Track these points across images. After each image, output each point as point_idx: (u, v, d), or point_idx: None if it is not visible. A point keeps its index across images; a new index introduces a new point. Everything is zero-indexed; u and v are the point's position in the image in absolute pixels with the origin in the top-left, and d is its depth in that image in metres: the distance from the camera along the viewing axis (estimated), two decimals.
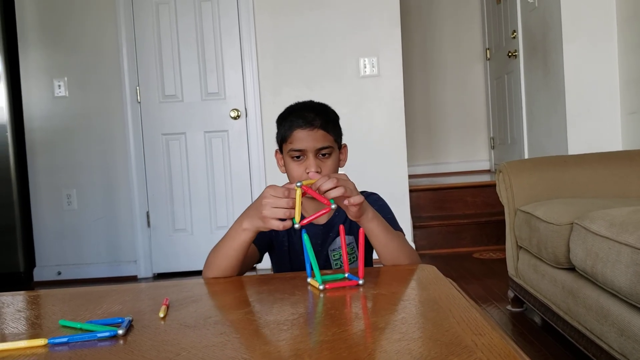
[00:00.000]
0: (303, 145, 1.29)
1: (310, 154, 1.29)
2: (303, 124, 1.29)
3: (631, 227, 1.50)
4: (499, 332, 0.77)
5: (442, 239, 3.96)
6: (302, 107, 1.35)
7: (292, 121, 1.31)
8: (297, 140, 1.29)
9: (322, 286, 1.00)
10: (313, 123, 1.29)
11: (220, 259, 1.19)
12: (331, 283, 1.02)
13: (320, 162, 1.30)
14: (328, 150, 1.31)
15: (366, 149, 3.71)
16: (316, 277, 1.02)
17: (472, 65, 5.56)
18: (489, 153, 5.49)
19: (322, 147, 1.29)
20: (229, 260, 1.18)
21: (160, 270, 3.84)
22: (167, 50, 3.80)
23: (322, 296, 0.97)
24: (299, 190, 1.04)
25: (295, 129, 1.30)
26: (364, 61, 3.78)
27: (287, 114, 1.35)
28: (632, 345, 1.46)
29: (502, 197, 2.50)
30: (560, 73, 3.51)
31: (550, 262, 2.02)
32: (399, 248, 1.19)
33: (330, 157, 1.32)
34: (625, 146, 3.39)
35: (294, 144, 1.30)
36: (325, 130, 1.30)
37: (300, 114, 1.31)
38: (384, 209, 1.37)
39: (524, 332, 2.30)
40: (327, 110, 1.36)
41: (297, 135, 1.29)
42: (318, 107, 1.36)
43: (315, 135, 1.29)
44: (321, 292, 0.99)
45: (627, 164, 2.40)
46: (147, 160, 3.82)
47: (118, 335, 0.80)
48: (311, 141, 1.29)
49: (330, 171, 1.31)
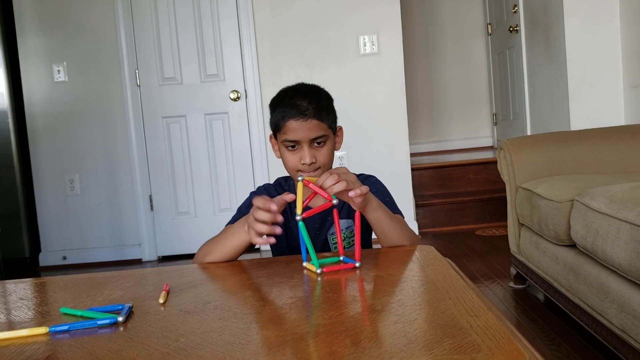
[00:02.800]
0: (297, 136, 1.28)
1: (304, 144, 1.28)
2: (296, 115, 1.27)
3: (631, 204, 1.50)
4: (495, 313, 0.78)
5: (444, 217, 3.97)
6: (293, 93, 1.32)
7: (285, 111, 1.29)
8: (291, 130, 1.28)
9: (320, 270, 1.00)
10: (306, 113, 1.27)
11: (215, 253, 1.21)
12: (327, 267, 1.02)
13: (315, 151, 1.29)
14: (322, 139, 1.30)
15: (367, 128, 3.70)
16: (313, 262, 1.02)
17: (473, 40, 5.51)
18: (491, 129, 5.47)
19: (316, 136, 1.29)
20: (223, 256, 1.21)
21: (165, 253, 3.87)
22: (165, 32, 3.78)
23: (320, 279, 0.97)
24: (301, 183, 1.04)
25: (288, 119, 1.28)
26: (364, 39, 3.75)
27: (279, 100, 1.33)
28: (632, 322, 1.47)
29: (503, 175, 2.50)
30: (561, 47, 3.48)
31: (551, 239, 2.02)
32: (401, 234, 1.19)
33: (325, 144, 1.31)
34: (628, 120, 3.38)
35: (288, 135, 1.29)
36: (318, 119, 1.29)
37: (292, 102, 1.29)
38: (383, 192, 1.37)
39: (527, 309, 2.32)
40: (319, 96, 1.33)
41: (290, 125, 1.28)
42: (310, 93, 1.33)
43: (308, 125, 1.28)
44: (318, 276, 0.99)
45: (628, 138, 2.39)
46: (148, 143, 3.82)
47: (118, 322, 0.81)
48: (305, 131, 1.28)
49: (325, 159, 1.31)
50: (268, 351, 0.67)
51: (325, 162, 1.31)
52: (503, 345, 0.62)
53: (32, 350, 0.74)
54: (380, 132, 3.76)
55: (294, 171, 1.32)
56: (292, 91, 1.34)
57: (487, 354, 0.60)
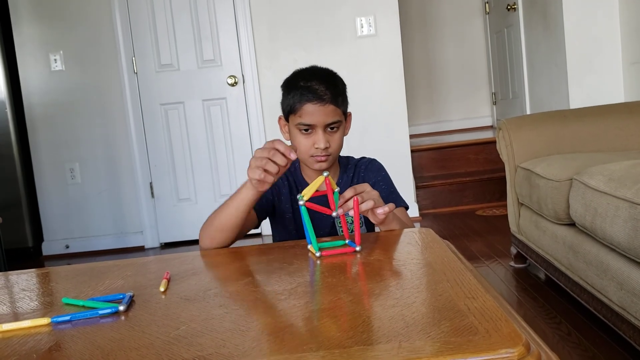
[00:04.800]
0: (313, 120, 1.27)
1: (319, 129, 1.28)
2: (314, 99, 1.27)
3: (629, 182, 1.50)
4: (492, 295, 0.78)
5: (445, 198, 3.98)
6: (310, 76, 1.31)
7: (303, 94, 1.28)
8: (307, 114, 1.28)
9: (319, 253, 1.01)
10: (324, 98, 1.27)
11: (220, 217, 1.20)
12: (328, 250, 1.03)
13: (329, 136, 1.29)
14: (337, 125, 1.30)
15: (366, 111, 3.69)
16: (312, 245, 1.03)
17: (471, 19, 5.47)
18: (490, 109, 5.45)
19: (332, 122, 1.29)
20: (228, 218, 1.18)
21: (167, 240, 3.89)
22: (160, 18, 3.75)
23: (319, 264, 0.98)
24: (323, 177, 1.04)
25: (305, 102, 1.28)
26: (361, 21, 3.73)
27: (295, 82, 1.31)
28: (631, 299, 1.48)
29: (503, 155, 2.50)
30: (560, 25, 3.46)
31: (551, 218, 2.03)
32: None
33: (338, 130, 1.31)
34: (628, 97, 3.36)
35: (304, 118, 1.28)
36: (335, 105, 1.29)
37: (309, 86, 1.28)
38: (388, 180, 1.38)
39: (527, 287, 2.33)
40: (336, 82, 1.33)
41: (307, 109, 1.27)
42: (327, 77, 1.32)
43: (326, 110, 1.28)
44: (318, 259, 1.00)
45: (627, 116, 2.38)
46: (147, 131, 3.81)
47: (119, 312, 0.82)
48: (322, 116, 1.27)
49: (338, 144, 1.31)
50: (268, 337, 0.68)
51: (336, 147, 1.32)
52: (500, 327, 0.63)
53: (35, 341, 0.74)
54: (379, 114, 3.75)
55: (307, 155, 1.31)
56: (308, 74, 1.33)
57: (484, 336, 0.61)
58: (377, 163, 1.42)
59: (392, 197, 1.34)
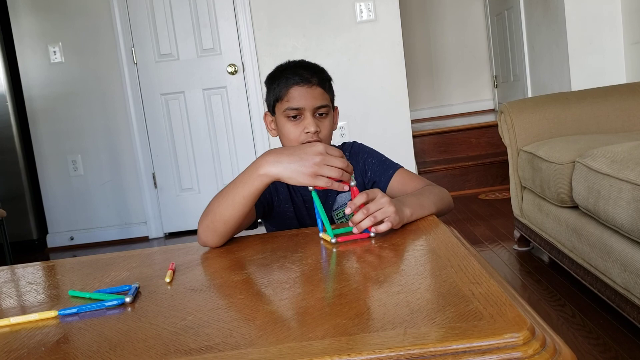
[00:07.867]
0: (301, 104, 1.24)
1: (307, 113, 1.25)
2: (300, 81, 1.24)
3: (632, 164, 1.50)
4: (497, 280, 0.79)
5: (447, 183, 3.97)
6: (295, 65, 1.30)
7: (288, 78, 1.25)
8: (294, 98, 1.24)
9: (334, 240, 1.01)
10: (311, 80, 1.25)
11: (224, 207, 1.06)
12: (342, 236, 1.03)
13: (318, 122, 1.26)
14: (326, 110, 1.27)
15: (367, 97, 3.68)
16: (327, 231, 1.03)
17: (471, 2, 5.44)
18: (492, 92, 5.43)
19: (320, 105, 1.25)
20: (234, 209, 1.06)
21: (171, 230, 3.90)
22: (159, 7, 3.74)
23: (324, 253, 0.98)
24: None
25: (291, 86, 1.24)
26: (360, 6, 3.71)
27: (280, 72, 1.29)
28: (635, 280, 1.48)
29: (505, 138, 2.49)
30: (560, 5, 3.43)
31: (554, 201, 2.03)
32: (435, 205, 1.14)
33: (327, 117, 1.28)
34: (630, 78, 3.35)
35: (291, 102, 1.24)
36: (322, 89, 1.26)
37: (295, 71, 1.26)
38: (373, 153, 1.35)
39: (531, 270, 2.34)
40: (322, 70, 1.31)
41: (293, 92, 1.24)
42: (313, 65, 1.31)
43: (313, 92, 1.24)
44: (333, 246, 1.00)
45: (629, 97, 2.37)
46: (148, 121, 3.81)
47: (126, 303, 0.82)
48: (310, 99, 1.24)
49: (328, 131, 1.27)
50: (274, 326, 0.68)
51: (327, 134, 1.28)
52: (504, 311, 0.63)
53: (43, 334, 0.75)
54: (380, 99, 3.74)
55: (297, 143, 1.25)
56: (293, 63, 1.31)
57: (488, 321, 0.61)
58: (357, 144, 1.39)
59: (385, 165, 1.32)
